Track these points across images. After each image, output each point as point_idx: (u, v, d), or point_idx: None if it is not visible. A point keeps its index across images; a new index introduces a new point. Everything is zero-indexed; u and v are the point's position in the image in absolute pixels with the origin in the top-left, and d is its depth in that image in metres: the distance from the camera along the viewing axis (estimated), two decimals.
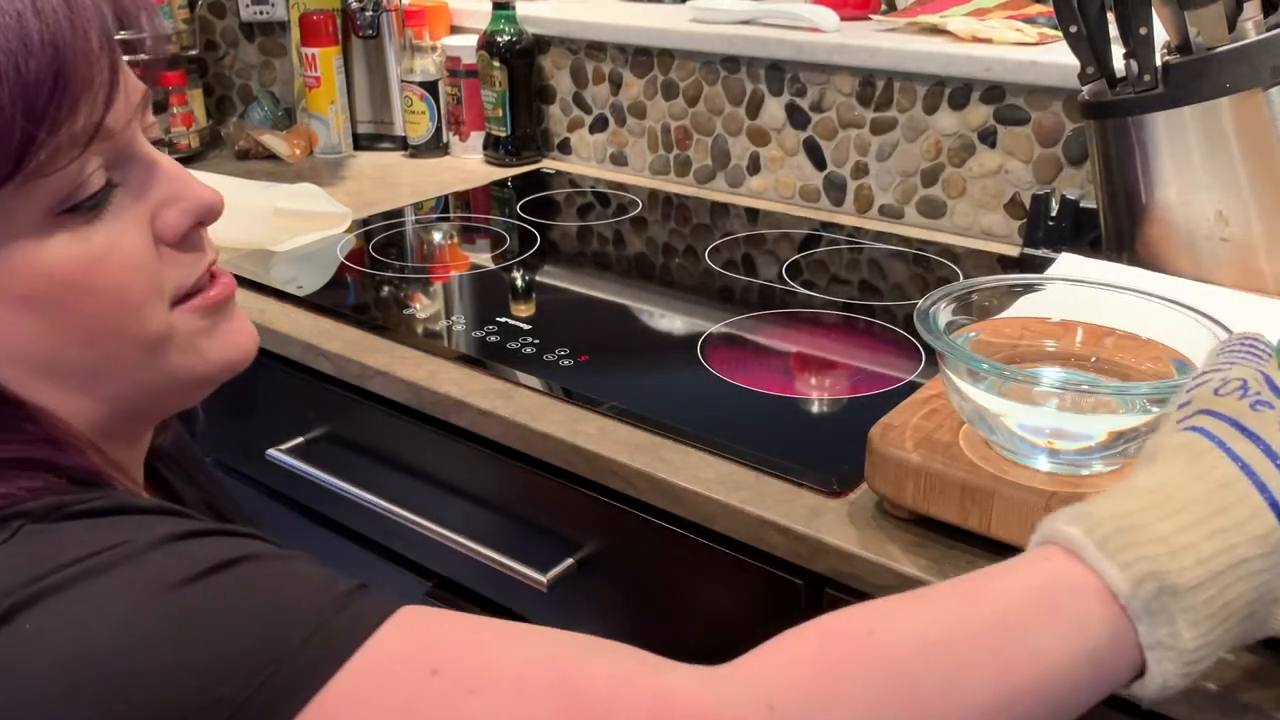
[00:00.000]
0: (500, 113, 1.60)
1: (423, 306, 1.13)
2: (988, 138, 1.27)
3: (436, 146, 1.68)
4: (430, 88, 1.64)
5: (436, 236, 1.38)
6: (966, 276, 1.19)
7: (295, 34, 1.66)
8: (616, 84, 1.56)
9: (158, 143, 0.54)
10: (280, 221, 1.28)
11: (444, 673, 0.43)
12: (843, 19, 1.40)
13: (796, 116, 1.40)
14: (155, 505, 0.49)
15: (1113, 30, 0.97)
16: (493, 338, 1.03)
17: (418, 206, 1.46)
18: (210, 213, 0.54)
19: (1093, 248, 1.09)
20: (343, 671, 0.41)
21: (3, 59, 0.43)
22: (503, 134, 1.62)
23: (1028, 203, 1.21)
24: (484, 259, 1.27)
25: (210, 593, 0.43)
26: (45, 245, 0.47)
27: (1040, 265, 1.11)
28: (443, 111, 1.66)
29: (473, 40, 1.61)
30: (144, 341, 0.51)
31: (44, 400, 0.50)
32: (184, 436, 0.70)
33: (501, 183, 1.56)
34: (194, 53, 1.69)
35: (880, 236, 1.32)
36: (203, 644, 0.41)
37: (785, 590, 0.77)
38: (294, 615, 0.43)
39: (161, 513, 0.48)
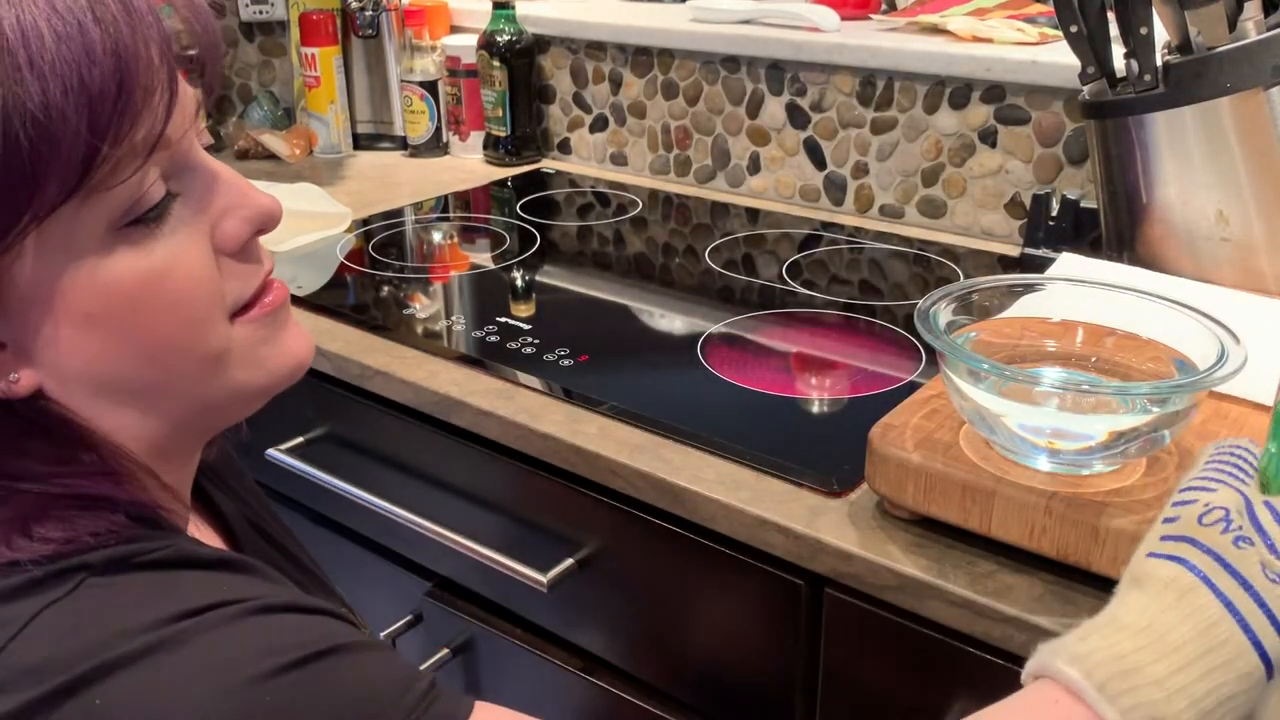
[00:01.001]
0: (500, 112, 1.60)
1: (423, 306, 1.13)
2: (988, 138, 1.27)
3: (436, 146, 1.68)
4: (430, 87, 1.64)
5: (436, 236, 1.38)
6: (966, 276, 1.19)
7: (295, 34, 1.66)
8: (616, 84, 1.56)
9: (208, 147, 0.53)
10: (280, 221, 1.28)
11: None
12: (843, 19, 1.40)
13: (796, 116, 1.40)
14: (219, 558, 0.48)
15: (1113, 30, 0.97)
16: (493, 338, 1.03)
17: (417, 206, 1.46)
18: (270, 220, 0.53)
19: (1093, 248, 1.09)
20: None
21: (67, 69, 0.42)
22: (503, 134, 1.62)
23: (1028, 203, 1.21)
24: (484, 259, 1.27)
25: (291, 693, 0.42)
26: (108, 261, 0.46)
27: (1040, 265, 1.11)
28: (442, 111, 1.66)
29: (473, 40, 1.61)
30: (206, 357, 0.50)
31: (104, 423, 0.49)
32: (225, 447, 0.69)
33: (501, 183, 1.56)
34: (194, 53, 1.69)
35: (880, 236, 1.31)
36: None
37: (785, 590, 0.77)
38: None
39: (226, 567, 0.47)
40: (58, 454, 0.48)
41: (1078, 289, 0.75)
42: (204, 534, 0.61)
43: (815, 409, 0.91)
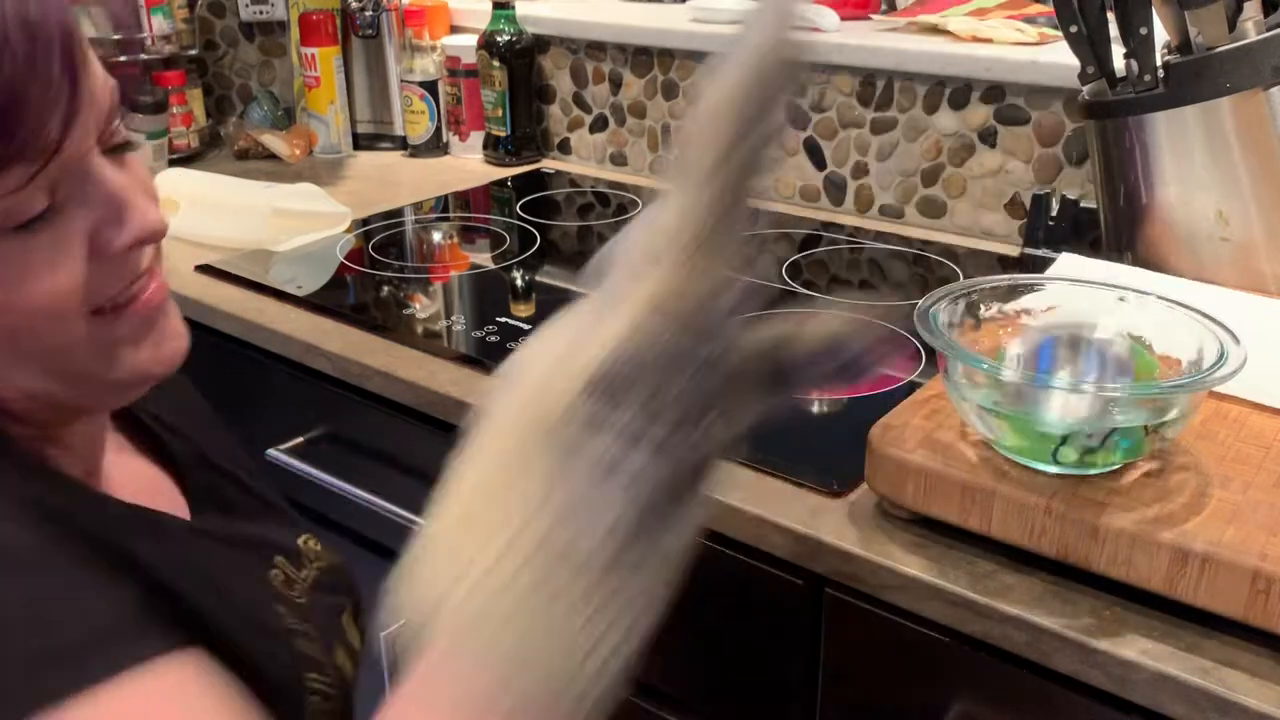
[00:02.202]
0: (500, 112, 1.60)
1: (423, 306, 1.13)
2: (988, 138, 1.27)
3: (436, 146, 1.68)
4: (430, 87, 1.64)
5: (436, 236, 1.38)
6: (966, 276, 1.19)
7: (295, 34, 1.66)
8: (616, 84, 1.56)
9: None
10: (280, 221, 1.28)
11: None
12: (843, 19, 1.40)
13: (796, 116, 1.40)
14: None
15: (1113, 30, 0.97)
16: (493, 338, 1.03)
17: (417, 206, 1.46)
18: (153, 237, 0.52)
19: (1093, 248, 1.09)
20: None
21: None
22: (502, 134, 1.62)
23: (1028, 203, 1.21)
24: (484, 259, 1.27)
25: None
26: None
27: (1040, 265, 1.11)
28: (442, 111, 1.66)
29: (473, 40, 1.61)
30: (54, 349, 0.50)
31: None
32: (188, 389, 0.71)
33: (501, 183, 1.56)
34: (194, 52, 1.69)
35: (880, 236, 1.31)
36: None
37: (785, 590, 0.77)
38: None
39: None
40: None
41: (1078, 289, 0.75)
42: (154, 479, 0.64)
43: (815, 409, 0.91)
